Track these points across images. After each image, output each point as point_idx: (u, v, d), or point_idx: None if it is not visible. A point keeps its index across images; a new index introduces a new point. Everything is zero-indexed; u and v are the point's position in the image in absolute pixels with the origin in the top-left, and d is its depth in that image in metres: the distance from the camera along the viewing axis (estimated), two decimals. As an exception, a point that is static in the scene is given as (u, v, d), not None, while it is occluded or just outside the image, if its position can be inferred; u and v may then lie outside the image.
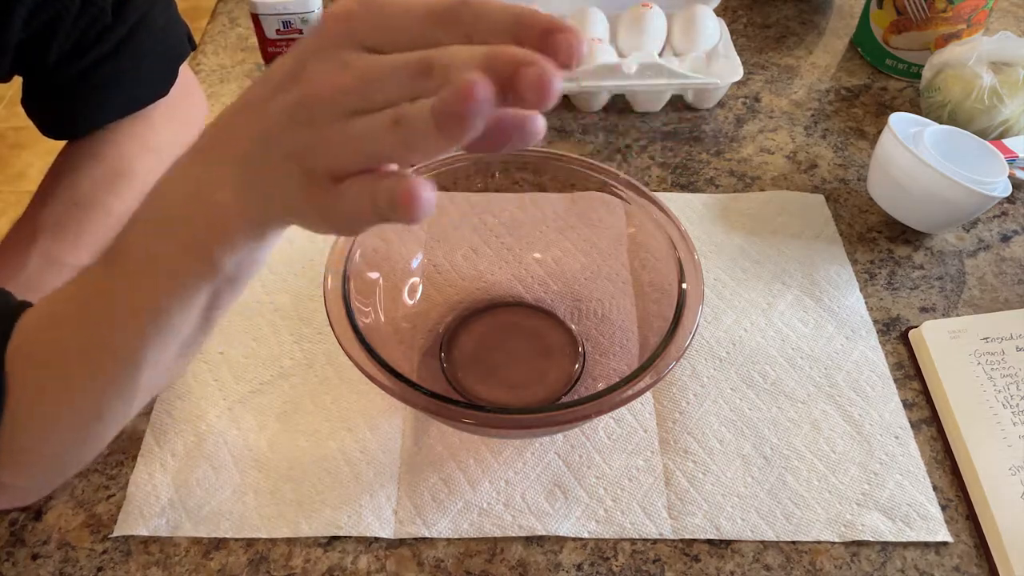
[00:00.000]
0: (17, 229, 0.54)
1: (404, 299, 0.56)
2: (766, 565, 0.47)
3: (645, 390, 0.43)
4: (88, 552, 0.47)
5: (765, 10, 0.91)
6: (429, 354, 0.55)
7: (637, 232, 0.54)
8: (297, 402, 0.54)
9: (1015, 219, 0.68)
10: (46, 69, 0.53)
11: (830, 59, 0.84)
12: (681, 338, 0.45)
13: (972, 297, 0.61)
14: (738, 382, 0.55)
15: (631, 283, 0.55)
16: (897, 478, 0.51)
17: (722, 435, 0.53)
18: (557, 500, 0.49)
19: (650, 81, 0.72)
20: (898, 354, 0.58)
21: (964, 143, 0.63)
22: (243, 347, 0.57)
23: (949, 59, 0.71)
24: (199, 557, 0.47)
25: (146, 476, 0.50)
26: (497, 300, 0.59)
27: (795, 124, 0.76)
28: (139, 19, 0.55)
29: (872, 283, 0.62)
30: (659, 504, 0.49)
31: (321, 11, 0.79)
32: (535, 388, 0.54)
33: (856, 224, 0.67)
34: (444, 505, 0.49)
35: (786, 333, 0.58)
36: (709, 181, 0.70)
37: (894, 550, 0.48)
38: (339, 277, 0.48)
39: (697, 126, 0.76)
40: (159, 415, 0.53)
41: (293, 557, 0.47)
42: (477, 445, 0.52)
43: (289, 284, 0.61)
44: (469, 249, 0.59)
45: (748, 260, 0.63)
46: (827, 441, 0.52)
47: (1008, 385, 0.53)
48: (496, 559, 0.47)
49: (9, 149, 1.89)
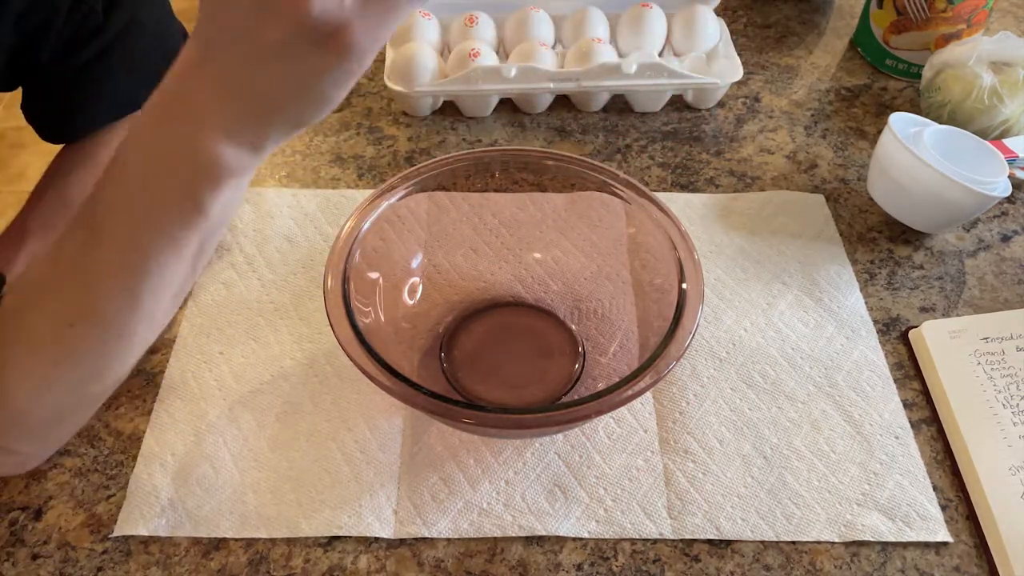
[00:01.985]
0: (8, 231, 0.54)
1: (404, 299, 0.56)
2: (766, 565, 0.47)
3: (645, 390, 0.43)
4: (88, 552, 0.47)
5: (765, 10, 0.91)
6: (429, 354, 0.55)
7: (637, 232, 0.54)
8: (297, 402, 0.54)
9: (1015, 219, 0.68)
10: (40, 70, 0.53)
11: (830, 59, 0.84)
12: (681, 338, 0.45)
13: (972, 297, 0.61)
14: (738, 382, 0.55)
15: (631, 283, 0.55)
16: (897, 478, 0.51)
17: (722, 435, 0.53)
18: (557, 500, 0.49)
19: (650, 81, 0.72)
20: (898, 354, 0.58)
21: (964, 143, 0.63)
22: (243, 347, 0.57)
23: (949, 59, 0.71)
24: (199, 557, 0.47)
25: (146, 476, 0.50)
26: (497, 300, 0.59)
27: (795, 124, 0.76)
28: (130, 19, 0.54)
29: (872, 283, 0.62)
30: (659, 504, 0.49)
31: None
32: (535, 388, 0.54)
33: (856, 224, 0.67)
34: (444, 505, 0.49)
35: (786, 333, 0.58)
36: (709, 181, 0.70)
37: (894, 550, 0.48)
38: (339, 277, 0.48)
39: (697, 126, 0.76)
40: (159, 415, 0.53)
41: (293, 557, 0.47)
42: (477, 445, 0.52)
43: (289, 284, 0.61)
44: (469, 249, 0.59)
45: (748, 260, 0.63)
46: (827, 441, 0.52)
47: (1008, 385, 0.53)
48: (496, 559, 0.47)
49: (9, 149, 1.89)
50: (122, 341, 0.41)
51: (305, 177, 0.69)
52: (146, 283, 0.38)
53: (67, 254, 0.39)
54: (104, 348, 0.41)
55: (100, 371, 0.42)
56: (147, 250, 0.37)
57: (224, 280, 0.61)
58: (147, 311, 0.40)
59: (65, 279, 0.39)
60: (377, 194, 0.52)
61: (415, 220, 0.56)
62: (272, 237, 0.64)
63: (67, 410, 0.45)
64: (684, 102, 0.77)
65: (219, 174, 0.35)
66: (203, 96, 0.34)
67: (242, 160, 0.35)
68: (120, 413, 0.53)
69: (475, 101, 0.74)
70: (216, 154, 0.34)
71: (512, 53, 0.75)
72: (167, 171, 0.36)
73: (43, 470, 0.50)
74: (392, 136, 0.74)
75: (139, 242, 0.37)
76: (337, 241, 0.49)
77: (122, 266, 0.38)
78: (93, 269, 0.38)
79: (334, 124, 0.75)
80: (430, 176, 0.54)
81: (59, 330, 0.40)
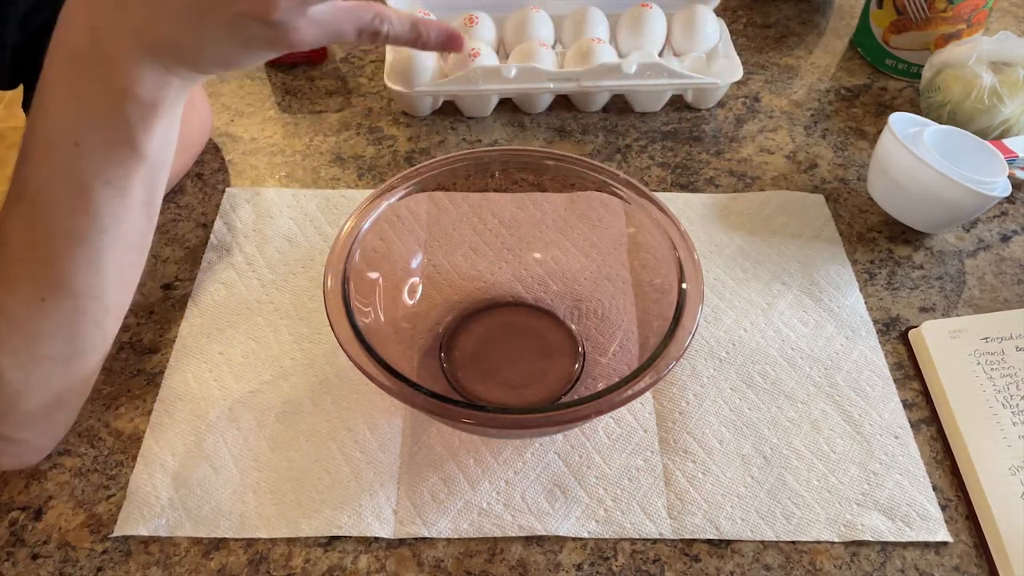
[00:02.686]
0: None
1: (404, 299, 0.56)
2: (766, 565, 0.47)
3: (645, 390, 0.43)
4: (88, 552, 0.47)
5: (765, 10, 0.91)
6: (429, 354, 0.55)
7: (637, 232, 0.54)
8: (297, 402, 0.54)
9: (1015, 219, 0.68)
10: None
11: (830, 59, 0.84)
12: (681, 338, 0.45)
13: (972, 297, 0.61)
14: (738, 382, 0.55)
15: (631, 283, 0.55)
16: (897, 478, 0.51)
17: (722, 435, 0.53)
18: (557, 500, 0.49)
19: (650, 81, 0.72)
20: (898, 354, 0.58)
21: (964, 143, 0.63)
22: (243, 347, 0.57)
23: (949, 59, 0.71)
24: (199, 557, 0.47)
25: (146, 476, 0.50)
26: (497, 300, 0.59)
27: (795, 124, 0.76)
28: None
29: (872, 283, 0.62)
30: (659, 504, 0.49)
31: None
32: (535, 388, 0.54)
33: (856, 224, 0.67)
34: (444, 505, 0.49)
35: (786, 333, 0.58)
36: (709, 181, 0.70)
37: (894, 550, 0.48)
38: (339, 277, 0.48)
39: (697, 126, 0.76)
40: (159, 415, 0.53)
41: (293, 557, 0.47)
42: (477, 445, 0.52)
43: (289, 284, 0.61)
44: (469, 249, 0.59)
45: (748, 260, 0.63)
46: (827, 441, 0.52)
47: (1008, 385, 0.53)
48: (496, 559, 0.47)
49: (8, 149, 1.89)
50: (95, 304, 0.42)
51: (305, 177, 0.69)
52: (102, 240, 0.39)
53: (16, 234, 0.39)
54: (80, 316, 0.42)
55: (81, 341, 0.43)
56: (94, 206, 0.38)
57: (224, 280, 0.61)
58: (111, 270, 0.40)
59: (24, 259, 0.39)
60: (377, 194, 0.52)
61: (415, 220, 0.56)
62: (272, 237, 0.64)
63: (60, 390, 0.45)
64: (684, 102, 0.77)
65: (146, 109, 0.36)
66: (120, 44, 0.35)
67: (167, 91, 0.36)
68: (120, 413, 0.53)
69: (475, 101, 0.74)
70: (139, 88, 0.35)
71: (512, 53, 0.75)
72: (94, 118, 0.36)
73: (43, 470, 0.50)
74: (392, 136, 0.74)
75: (85, 201, 0.38)
76: (337, 241, 0.49)
77: (74, 229, 0.38)
78: (47, 240, 0.39)
79: (334, 124, 0.75)
80: (430, 176, 0.54)
81: (32, 306, 0.40)
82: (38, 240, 0.39)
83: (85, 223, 0.38)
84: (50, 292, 0.40)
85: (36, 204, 0.38)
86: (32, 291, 0.40)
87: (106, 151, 0.37)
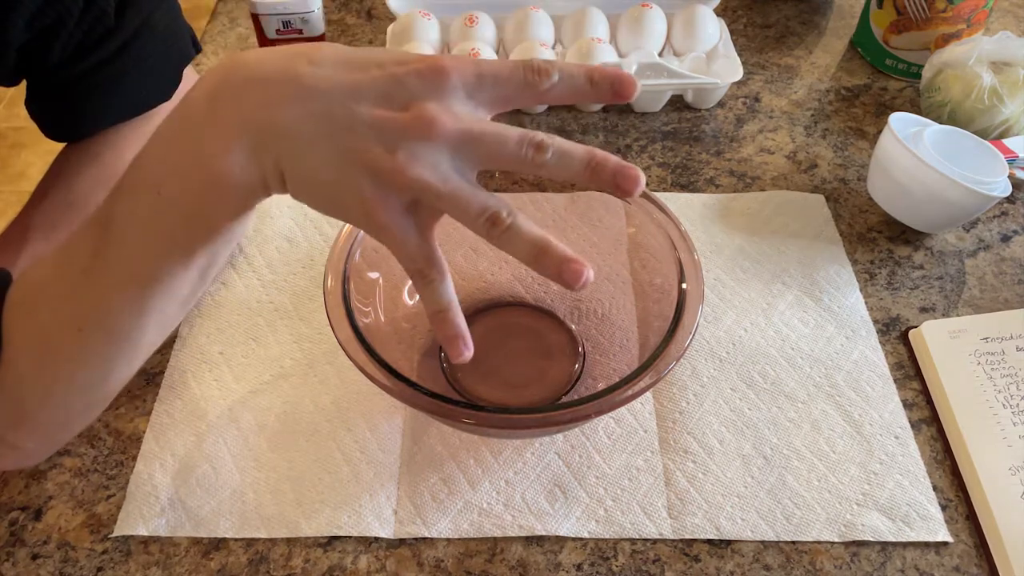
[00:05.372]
0: (9, 229, 0.54)
1: (404, 299, 0.56)
2: (766, 565, 0.47)
3: (645, 390, 0.43)
4: (88, 552, 0.47)
5: (765, 10, 0.91)
6: (429, 354, 0.55)
7: (637, 232, 0.54)
8: (297, 402, 0.54)
9: (1015, 219, 0.68)
10: (49, 70, 0.53)
11: (830, 59, 0.84)
12: (681, 338, 0.45)
13: (972, 297, 0.61)
14: (738, 382, 0.55)
15: (631, 283, 0.55)
16: (897, 478, 0.51)
17: (722, 435, 0.53)
18: (557, 500, 0.49)
19: (650, 81, 0.72)
20: (898, 354, 0.58)
21: (964, 143, 0.63)
22: (243, 347, 0.57)
23: (949, 59, 0.71)
24: (199, 557, 0.47)
25: (146, 476, 0.50)
26: (497, 300, 0.59)
27: (795, 124, 0.76)
28: (142, 22, 0.54)
29: (872, 283, 0.62)
30: (659, 504, 0.49)
31: (321, 11, 0.79)
32: (535, 388, 0.54)
33: (856, 224, 0.67)
34: (444, 505, 0.49)
35: (786, 333, 0.58)
36: (709, 181, 0.70)
37: (894, 550, 0.48)
38: (339, 277, 0.48)
39: (697, 126, 0.76)
40: (159, 415, 0.53)
41: (293, 557, 0.47)
42: (477, 445, 0.52)
43: (289, 284, 0.61)
44: (469, 249, 0.59)
45: (748, 260, 0.63)
46: (827, 441, 0.52)
47: (1008, 385, 0.53)
48: (496, 559, 0.47)
49: (9, 149, 1.89)
50: (128, 345, 0.42)
51: (305, 177, 0.69)
52: (154, 292, 0.39)
53: (78, 259, 0.40)
54: (111, 352, 0.42)
55: (107, 373, 0.43)
56: (157, 261, 0.38)
57: (224, 280, 0.61)
58: (154, 318, 0.41)
59: (76, 284, 0.40)
60: (377, 194, 0.52)
61: (415, 220, 0.56)
62: (272, 237, 0.64)
63: (74, 410, 0.45)
64: (684, 102, 0.77)
65: (229, 199, 0.36)
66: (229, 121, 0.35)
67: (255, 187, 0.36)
68: (120, 413, 0.53)
69: (475, 101, 0.74)
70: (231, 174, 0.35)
71: (512, 53, 0.75)
72: (182, 185, 0.36)
73: (43, 470, 0.50)
74: (392, 136, 0.73)
75: (150, 254, 0.38)
76: (337, 241, 0.49)
77: (132, 275, 0.39)
78: (103, 276, 0.39)
79: (334, 124, 0.74)
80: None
81: (69, 333, 0.40)
82: (96, 271, 0.39)
83: (142, 272, 0.39)
84: (89, 323, 0.40)
85: (105, 238, 0.38)
86: (73, 317, 0.40)
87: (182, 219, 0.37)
